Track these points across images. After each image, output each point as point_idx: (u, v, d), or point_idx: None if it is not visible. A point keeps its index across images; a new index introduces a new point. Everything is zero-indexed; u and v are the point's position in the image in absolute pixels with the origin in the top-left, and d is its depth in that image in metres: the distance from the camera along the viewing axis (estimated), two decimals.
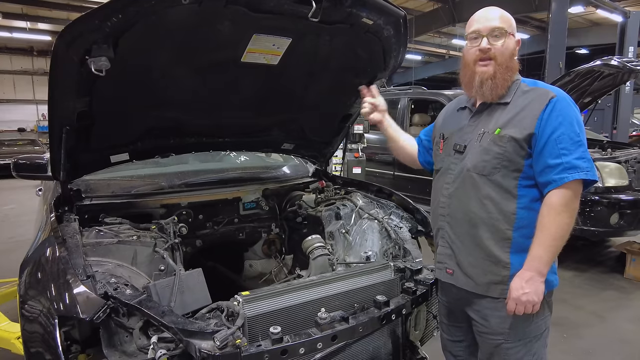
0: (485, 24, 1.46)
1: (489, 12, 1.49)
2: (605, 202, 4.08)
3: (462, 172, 1.53)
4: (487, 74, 1.46)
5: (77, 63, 1.51)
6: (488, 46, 1.45)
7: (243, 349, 1.27)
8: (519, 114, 1.44)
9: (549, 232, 1.36)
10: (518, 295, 1.38)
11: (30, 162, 2.30)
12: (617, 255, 4.78)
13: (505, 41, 1.45)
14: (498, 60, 1.45)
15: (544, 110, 1.39)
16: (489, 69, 1.46)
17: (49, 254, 1.52)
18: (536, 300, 1.38)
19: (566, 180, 1.34)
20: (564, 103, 1.40)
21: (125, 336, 1.36)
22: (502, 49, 1.45)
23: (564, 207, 1.35)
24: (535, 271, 1.38)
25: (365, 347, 1.71)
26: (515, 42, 1.49)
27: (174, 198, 2.36)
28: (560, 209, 1.35)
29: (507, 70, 1.46)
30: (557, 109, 1.38)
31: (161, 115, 2.07)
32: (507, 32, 1.46)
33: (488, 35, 1.45)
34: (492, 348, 1.53)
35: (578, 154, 1.35)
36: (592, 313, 3.55)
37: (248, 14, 1.63)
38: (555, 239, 1.37)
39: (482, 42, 1.46)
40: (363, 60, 2.15)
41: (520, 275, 1.40)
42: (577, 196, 1.37)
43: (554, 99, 1.40)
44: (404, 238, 2.12)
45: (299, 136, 2.66)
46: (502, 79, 1.46)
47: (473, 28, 1.49)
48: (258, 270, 2.78)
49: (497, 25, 1.45)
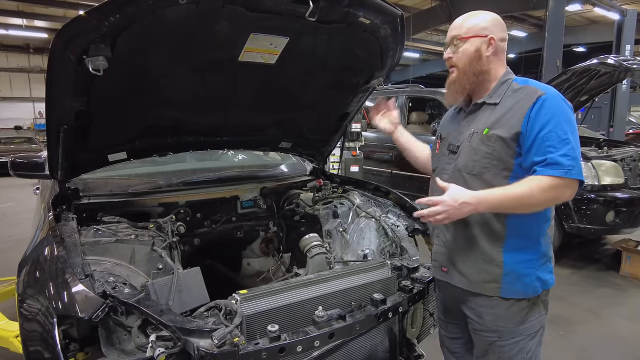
0: (449, 34, 1.54)
1: (454, 22, 1.55)
2: (601, 200, 4.11)
3: (454, 172, 1.54)
4: (450, 80, 1.56)
5: (75, 62, 1.52)
6: (448, 55, 1.54)
7: (241, 347, 1.28)
8: (507, 114, 1.44)
9: (515, 194, 1.33)
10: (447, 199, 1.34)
11: (28, 161, 2.30)
12: (613, 253, 4.81)
13: (462, 47, 1.50)
14: (459, 66, 1.51)
15: (531, 109, 1.38)
16: (452, 75, 1.55)
17: (47, 253, 1.53)
18: (446, 216, 1.34)
19: (544, 174, 1.32)
20: (552, 101, 1.38)
21: (123, 334, 1.36)
22: (459, 56, 1.50)
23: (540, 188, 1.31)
24: (477, 203, 1.33)
25: (363, 344, 1.72)
26: (481, 42, 1.47)
27: (172, 197, 2.36)
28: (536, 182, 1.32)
29: (465, 75, 1.51)
30: (545, 107, 1.37)
31: (159, 114, 2.07)
32: (463, 36, 1.49)
33: (449, 44, 1.54)
34: (487, 345, 1.54)
35: (563, 151, 1.33)
36: (587, 310, 3.57)
37: (245, 14, 1.63)
38: (516, 200, 1.33)
39: (446, 52, 1.55)
40: (360, 59, 2.16)
41: (468, 193, 1.35)
42: (560, 189, 1.33)
43: (542, 97, 1.38)
44: (401, 236, 2.14)
45: (296, 135, 2.67)
46: (460, 85, 1.53)
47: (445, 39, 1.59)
48: (256, 268, 2.79)
49: (454, 34, 1.51)
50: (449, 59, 1.55)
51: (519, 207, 1.37)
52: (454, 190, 1.36)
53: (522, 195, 1.33)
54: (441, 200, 1.35)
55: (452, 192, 1.36)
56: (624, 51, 8.93)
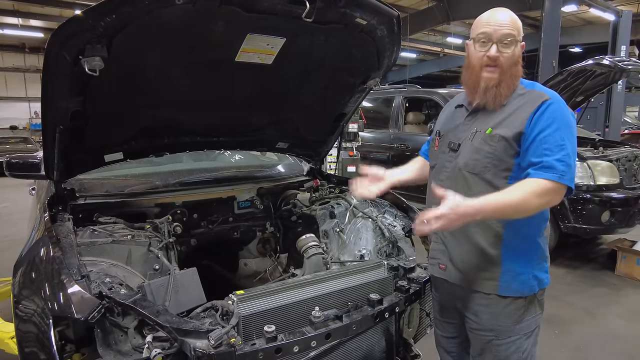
0: (496, 28, 1.41)
1: (500, 16, 1.44)
2: (596, 200, 4.13)
3: (454, 170, 1.55)
4: (492, 81, 1.44)
5: (71, 63, 1.51)
6: (497, 54, 1.41)
7: (237, 347, 1.28)
8: (512, 115, 1.45)
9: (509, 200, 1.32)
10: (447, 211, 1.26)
11: (24, 162, 2.29)
12: (608, 253, 4.83)
13: (514, 49, 1.43)
14: (504, 67, 1.42)
15: (536, 112, 1.40)
16: (494, 75, 1.43)
17: (43, 254, 1.52)
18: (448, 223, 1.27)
19: (538, 177, 1.33)
20: (556, 106, 1.40)
21: (120, 335, 1.36)
22: (509, 57, 1.42)
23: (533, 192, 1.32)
24: (475, 213, 1.30)
25: (359, 344, 1.72)
26: (520, 49, 1.47)
27: (169, 197, 2.35)
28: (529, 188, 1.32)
29: (511, 77, 1.45)
30: (548, 111, 1.39)
31: (155, 115, 2.07)
32: (517, 39, 1.43)
33: (498, 41, 1.41)
34: (483, 344, 1.55)
35: (558, 156, 1.34)
36: (583, 309, 3.59)
37: (242, 14, 1.63)
38: (511, 208, 1.32)
39: (492, 49, 1.42)
40: (357, 60, 2.16)
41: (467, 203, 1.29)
42: (551, 194, 1.33)
43: (548, 102, 1.40)
44: (398, 236, 2.14)
45: (293, 135, 2.67)
46: (506, 87, 1.45)
47: (483, 30, 1.43)
48: (253, 269, 2.79)
49: (508, 32, 1.41)
50: (495, 58, 1.41)
51: (513, 214, 1.37)
52: (451, 201, 1.29)
53: (517, 203, 1.33)
54: (440, 214, 1.27)
55: (450, 202, 1.28)
56: (619, 52, 8.99)
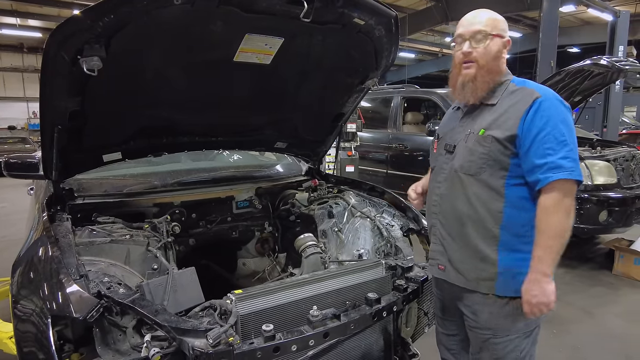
0: (468, 27, 1.49)
1: (474, 16, 1.51)
2: (594, 200, 4.14)
3: (451, 171, 1.56)
4: (468, 76, 1.49)
5: (69, 63, 1.51)
6: (469, 49, 1.48)
7: (236, 346, 1.29)
8: (503, 115, 1.46)
9: (545, 233, 1.38)
10: (529, 299, 1.40)
11: (22, 161, 2.29)
12: (606, 252, 4.84)
13: (488, 44, 1.47)
14: (480, 62, 1.47)
15: (528, 111, 1.40)
16: (471, 71, 1.48)
17: (42, 254, 1.52)
18: (545, 300, 1.38)
19: (550, 180, 1.36)
20: (549, 103, 1.41)
21: (118, 335, 1.36)
22: (483, 52, 1.47)
23: (555, 207, 1.36)
24: (539, 273, 1.38)
25: (357, 343, 1.73)
26: (501, 44, 1.49)
27: (167, 197, 2.36)
28: (552, 209, 1.37)
29: (488, 72, 1.48)
30: (541, 109, 1.39)
31: (154, 115, 2.07)
32: (490, 34, 1.47)
33: (470, 38, 1.48)
34: (482, 342, 1.56)
35: (563, 153, 1.36)
36: (581, 309, 3.60)
37: (240, 14, 1.64)
38: (551, 238, 1.37)
39: (464, 45, 1.49)
40: (355, 60, 2.17)
41: (528, 280, 1.41)
42: (568, 195, 1.37)
43: (539, 99, 1.40)
44: (396, 236, 2.15)
45: (292, 135, 2.67)
46: (483, 82, 1.49)
47: (457, 32, 1.53)
48: (251, 268, 2.79)
49: (479, 29, 1.47)
50: (468, 54, 1.48)
51: (566, 234, 1.39)
52: (525, 291, 1.41)
53: (557, 228, 1.37)
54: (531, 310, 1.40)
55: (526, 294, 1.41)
56: (617, 52, 9.00)
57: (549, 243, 1.37)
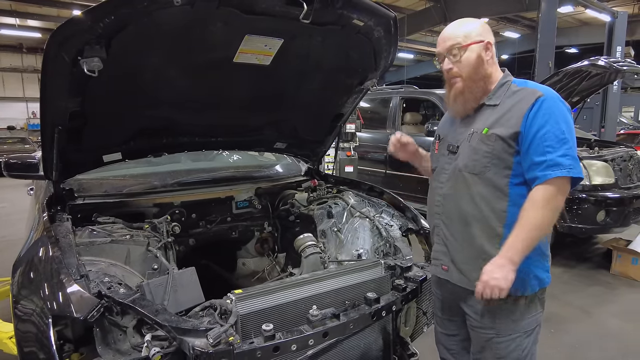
0: (443, 45, 1.52)
1: (444, 33, 1.54)
2: (592, 200, 4.16)
3: (454, 171, 1.56)
4: (457, 90, 1.53)
5: (70, 63, 1.52)
6: (449, 66, 1.51)
7: (236, 346, 1.29)
8: (506, 114, 1.47)
9: (527, 224, 1.38)
10: (487, 279, 1.39)
11: (22, 162, 2.29)
12: (604, 252, 4.86)
13: (464, 55, 1.48)
14: (464, 75, 1.50)
15: (530, 109, 1.42)
16: (458, 85, 1.52)
17: (42, 254, 1.53)
18: (503, 286, 1.37)
19: (549, 177, 1.37)
20: (550, 102, 1.42)
21: (119, 334, 1.37)
22: (462, 64, 1.49)
23: (545, 202, 1.37)
24: (508, 259, 1.38)
25: (357, 343, 1.74)
26: (480, 48, 1.49)
27: (167, 197, 2.36)
28: (541, 203, 1.37)
29: (474, 82, 1.50)
30: (543, 108, 1.41)
31: (154, 115, 2.08)
32: (463, 44, 1.48)
33: (447, 54, 1.50)
34: (484, 342, 1.57)
35: (562, 151, 1.37)
36: (579, 308, 3.61)
37: (240, 16, 1.64)
38: (531, 230, 1.38)
39: (444, 64, 1.52)
40: (354, 61, 2.18)
41: (493, 262, 1.41)
42: (561, 193, 1.38)
43: (541, 98, 1.42)
44: (395, 236, 2.16)
45: (291, 135, 2.68)
46: (470, 92, 1.52)
47: (436, 51, 1.56)
48: (251, 268, 2.80)
49: (451, 44, 1.49)
50: (449, 70, 1.51)
51: (546, 230, 1.40)
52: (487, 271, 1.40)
53: (540, 222, 1.37)
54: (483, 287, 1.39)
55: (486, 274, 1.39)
56: (615, 53, 9.01)
57: (528, 235, 1.38)
